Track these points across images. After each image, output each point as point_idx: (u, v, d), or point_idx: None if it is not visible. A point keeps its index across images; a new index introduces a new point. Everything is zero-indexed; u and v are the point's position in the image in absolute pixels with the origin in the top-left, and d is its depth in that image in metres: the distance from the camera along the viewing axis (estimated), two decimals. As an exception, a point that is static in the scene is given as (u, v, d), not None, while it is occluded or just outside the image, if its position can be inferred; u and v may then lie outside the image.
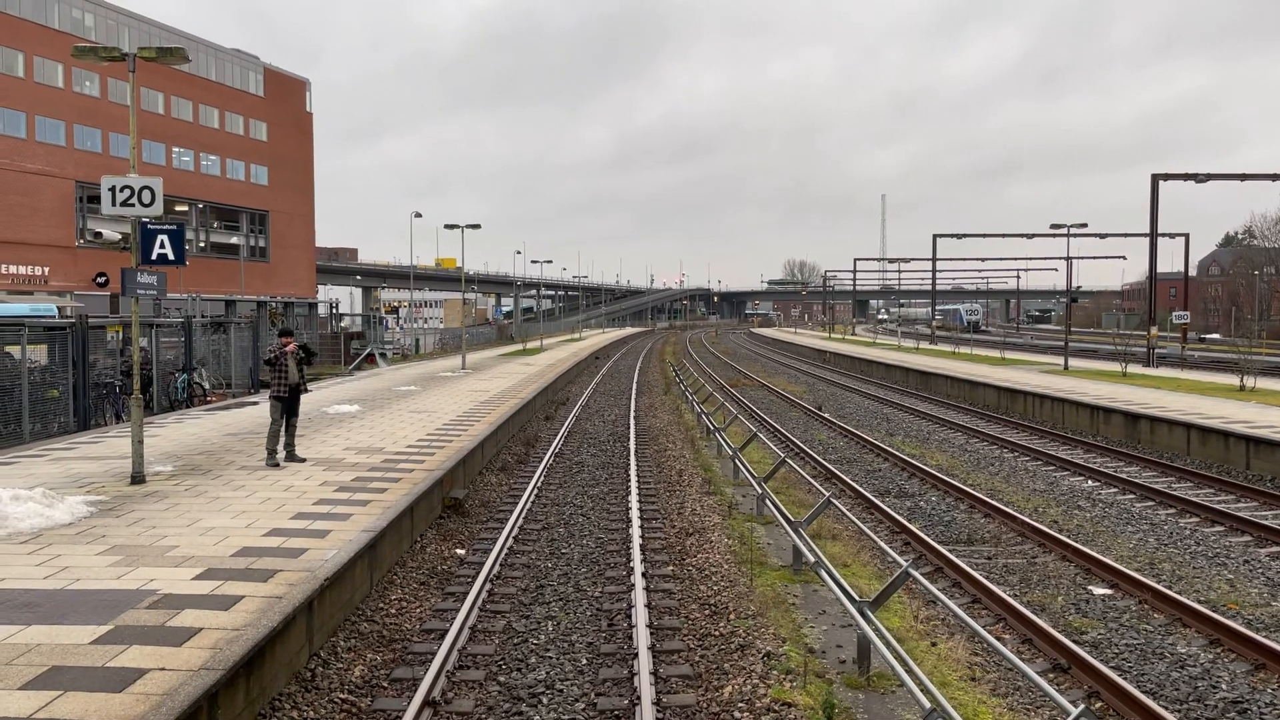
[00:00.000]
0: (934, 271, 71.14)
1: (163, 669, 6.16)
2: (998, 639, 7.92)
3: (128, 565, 8.59)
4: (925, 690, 6.23)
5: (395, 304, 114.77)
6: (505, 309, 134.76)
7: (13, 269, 53.38)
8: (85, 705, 5.60)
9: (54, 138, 57.06)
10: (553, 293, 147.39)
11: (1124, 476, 17.14)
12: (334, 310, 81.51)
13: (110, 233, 57.91)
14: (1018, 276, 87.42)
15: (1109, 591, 10.55)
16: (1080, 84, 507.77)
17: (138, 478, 12.60)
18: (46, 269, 55.42)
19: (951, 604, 7.40)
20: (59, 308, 34.39)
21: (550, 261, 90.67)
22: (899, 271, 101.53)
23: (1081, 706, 5.30)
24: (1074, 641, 8.70)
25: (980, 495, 15.23)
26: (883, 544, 9.97)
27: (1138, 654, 8.76)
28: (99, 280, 55.81)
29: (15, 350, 19.30)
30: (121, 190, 12.08)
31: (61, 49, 54.77)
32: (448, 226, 44.07)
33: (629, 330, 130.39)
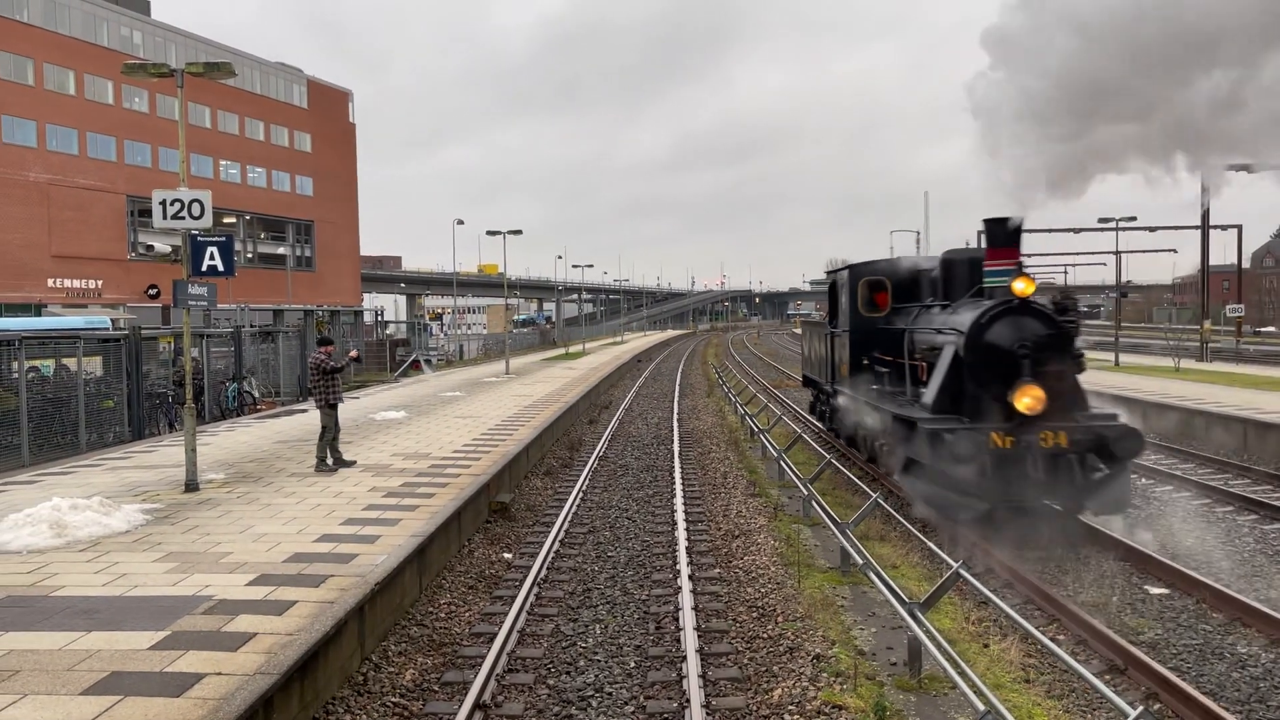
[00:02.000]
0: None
1: (219, 673, 6.26)
2: (1052, 640, 7.80)
3: (183, 572, 8.75)
4: (978, 692, 6.14)
5: (439, 310, 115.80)
6: (546, 314, 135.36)
7: (67, 283, 54.65)
8: (145, 710, 5.70)
9: (105, 153, 58.36)
10: (594, 297, 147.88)
11: (1179, 473, 16.80)
12: (379, 318, 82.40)
13: (161, 245, 59.14)
14: (1065, 272, 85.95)
15: (1165, 591, 10.35)
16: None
17: (191, 485, 12.83)
18: (100, 282, 56.67)
19: (1004, 605, 7.30)
20: (112, 320, 35.11)
21: (591, 265, 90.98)
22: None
23: (1140, 708, 5.20)
24: (1130, 642, 8.55)
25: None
26: (932, 545, 9.86)
27: (1196, 654, 8.58)
28: (150, 292, 56.99)
29: (71, 362, 19.74)
30: (172, 204, 12.32)
31: (111, 66, 56.00)
32: (489, 233, 44.41)
33: (670, 333, 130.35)
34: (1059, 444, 11.84)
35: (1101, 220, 42.00)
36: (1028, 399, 11.78)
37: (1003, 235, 13.16)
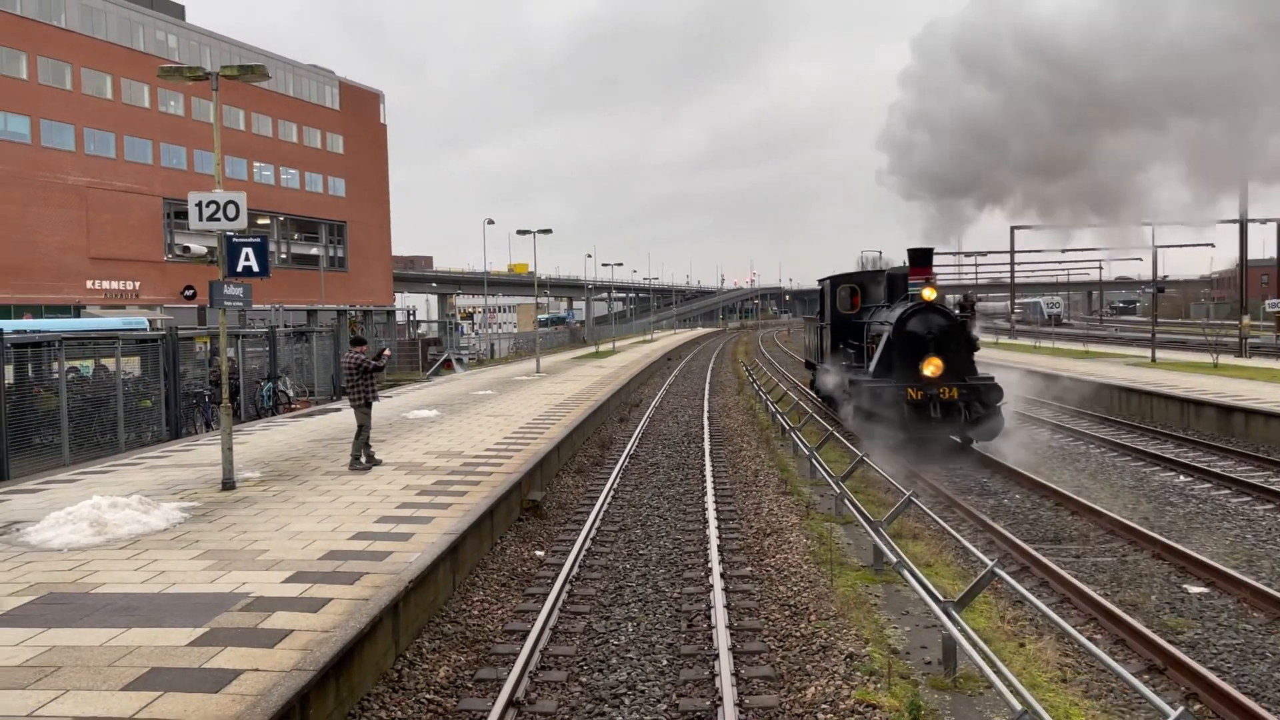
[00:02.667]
0: (1012, 264, 69.74)
1: (256, 670, 6.33)
2: (1089, 639, 7.71)
3: (221, 569, 8.86)
4: (1015, 691, 6.09)
5: (470, 310, 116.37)
6: (576, 314, 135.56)
7: (106, 284, 55.46)
8: (184, 706, 5.78)
9: (142, 156, 59.15)
10: (624, 295, 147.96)
11: (1218, 471, 16.56)
12: (411, 317, 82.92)
13: (197, 247, 59.91)
14: (1100, 267, 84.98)
15: (1205, 590, 10.20)
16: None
17: (228, 484, 12.98)
18: (137, 283, 57.44)
19: (1040, 603, 7.24)
20: (149, 320, 35.59)
21: (621, 264, 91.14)
22: (975, 265, 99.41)
23: (1180, 709, 5.13)
24: (1169, 641, 8.44)
25: (1066, 492, 14.85)
26: (966, 543, 9.80)
27: (1237, 654, 8.46)
28: (187, 293, 57.61)
29: (110, 362, 20.04)
30: (208, 205, 12.46)
31: (147, 70, 56.64)
32: (520, 232, 44.56)
33: (700, 331, 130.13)
34: (951, 396, 18.12)
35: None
36: (930, 367, 18.41)
37: (920, 258, 19.77)
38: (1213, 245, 77.01)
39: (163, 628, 7.19)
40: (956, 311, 19.93)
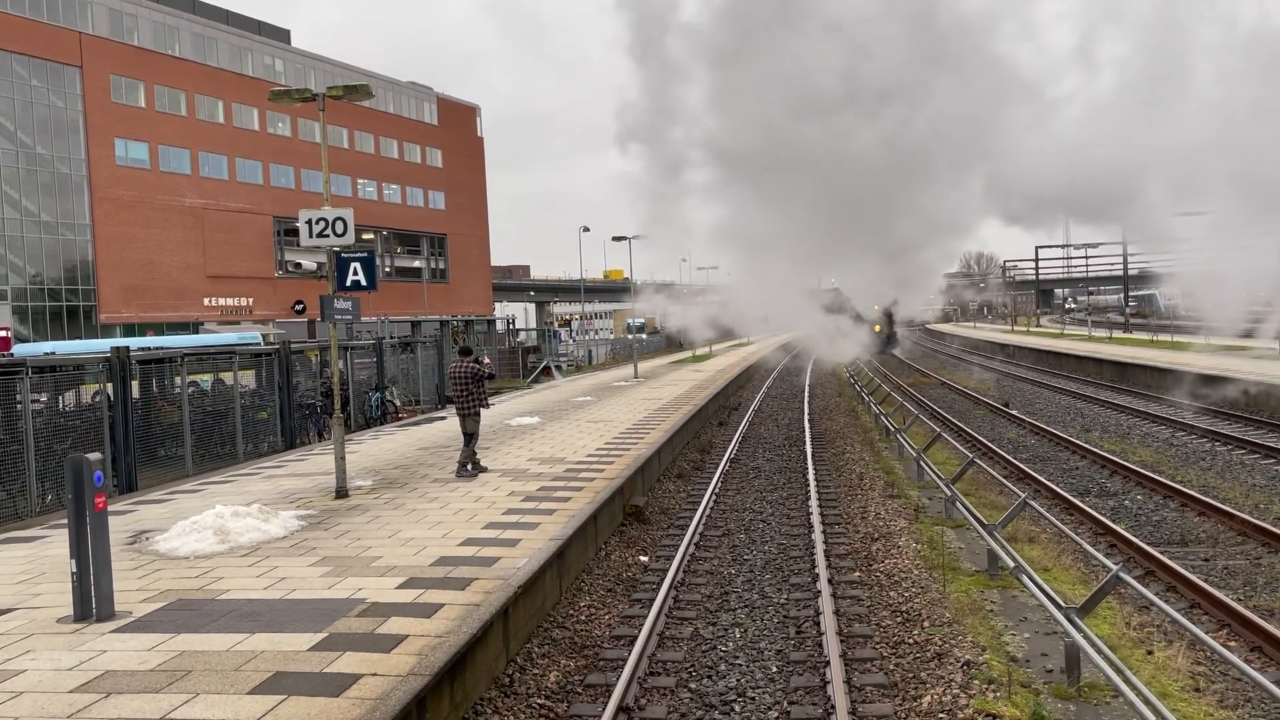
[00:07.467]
0: (1125, 256, 67.24)
1: (374, 674, 6.47)
2: (1224, 646, 7.34)
3: (337, 575, 9.09)
4: (1146, 701, 5.83)
5: (567, 317, 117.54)
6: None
7: (222, 301, 57.82)
8: (307, 709, 5.94)
9: (252, 177, 61.53)
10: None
11: (1358, 468, 15.64)
12: (511, 326, 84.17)
13: (308, 263, 61.93)
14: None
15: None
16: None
17: (341, 492, 13.33)
18: (251, 300, 59.72)
19: (1169, 609, 6.91)
20: (263, 335, 36.89)
21: (716, 267, 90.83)
22: (1086, 258, 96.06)
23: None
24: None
25: (1192, 493, 14.21)
26: (1087, 546, 9.43)
27: (1389, 664, 7.95)
28: (297, 308, 59.72)
29: (227, 376, 20.82)
30: (317, 223, 12.84)
31: (257, 94, 59.03)
32: (615, 239, 44.84)
33: (796, 332, 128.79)
34: (885, 336, 65.79)
35: (1260, 200, 39.32)
36: (878, 328, 63.09)
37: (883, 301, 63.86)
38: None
39: (285, 633, 7.40)
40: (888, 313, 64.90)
